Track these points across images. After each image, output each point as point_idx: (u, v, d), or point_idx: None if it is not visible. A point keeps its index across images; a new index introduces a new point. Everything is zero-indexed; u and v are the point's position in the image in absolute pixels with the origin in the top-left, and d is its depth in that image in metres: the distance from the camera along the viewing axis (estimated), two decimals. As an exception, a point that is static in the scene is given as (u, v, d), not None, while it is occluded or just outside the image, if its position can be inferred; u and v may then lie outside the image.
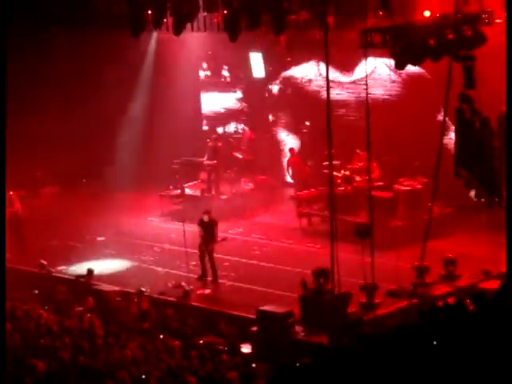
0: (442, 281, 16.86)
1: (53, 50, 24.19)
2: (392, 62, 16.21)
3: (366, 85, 16.99)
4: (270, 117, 25.94)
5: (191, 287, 17.45)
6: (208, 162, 24.32)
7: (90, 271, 18.58)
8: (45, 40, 23.54)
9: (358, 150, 21.91)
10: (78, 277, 18.58)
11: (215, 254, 18.56)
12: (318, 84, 24.34)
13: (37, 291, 17.99)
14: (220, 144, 24.85)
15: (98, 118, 25.12)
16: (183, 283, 17.63)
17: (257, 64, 25.80)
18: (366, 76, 18.65)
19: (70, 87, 25.13)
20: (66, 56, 24.50)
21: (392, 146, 22.42)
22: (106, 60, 24.81)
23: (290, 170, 24.15)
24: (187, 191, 23.95)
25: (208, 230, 18.40)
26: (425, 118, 21.65)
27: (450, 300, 14.27)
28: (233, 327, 15.46)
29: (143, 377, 12.51)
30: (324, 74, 20.23)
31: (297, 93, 25.03)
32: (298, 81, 25.07)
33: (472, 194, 15.71)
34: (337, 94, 23.69)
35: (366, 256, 15.28)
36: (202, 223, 18.50)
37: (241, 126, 26.50)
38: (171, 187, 23.94)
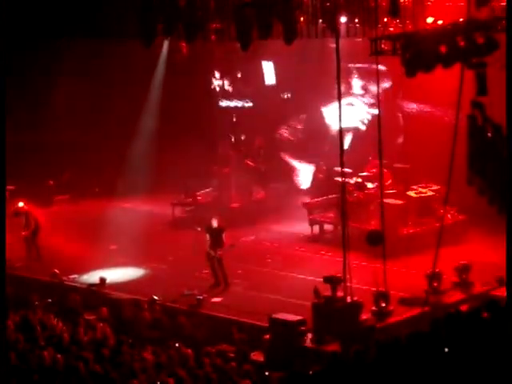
0: (455, 288, 16.80)
1: (63, 59, 24.29)
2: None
3: (378, 92, 16.99)
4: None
5: (203, 295, 17.44)
6: (220, 170, 24.37)
7: (103, 280, 18.62)
8: (55, 50, 23.65)
9: (370, 158, 21.91)
10: (91, 285, 18.62)
11: (228, 261, 18.57)
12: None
13: (50, 300, 18.02)
14: (232, 152, 24.91)
15: (109, 127, 25.22)
16: (196, 291, 17.64)
17: (269, 72, 25.96)
18: (378, 83, 18.63)
19: (81, 97, 25.24)
20: (76, 66, 24.59)
21: (405, 154, 22.47)
22: (117, 69, 24.90)
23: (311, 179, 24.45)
24: (199, 199, 24.01)
25: (216, 236, 18.40)
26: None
27: (463, 307, 14.27)
28: (245, 335, 15.45)
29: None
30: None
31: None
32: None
33: None
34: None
35: (378, 263, 15.25)
36: (209, 229, 18.49)
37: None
38: (184, 196, 24.02)
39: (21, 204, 20.85)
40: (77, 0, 19.00)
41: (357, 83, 24.35)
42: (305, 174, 25.59)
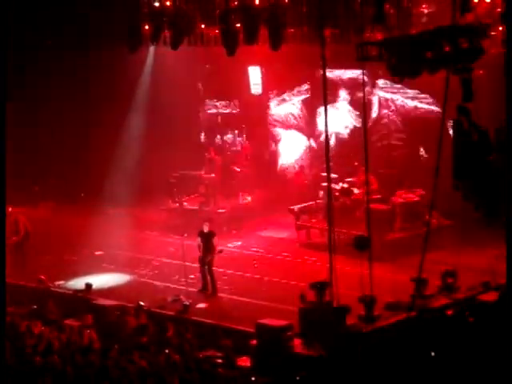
0: (441, 293, 16.83)
1: (49, 64, 24.23)
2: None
3: (364, 98, 17.05)
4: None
5: (190, 301, 17.43)
6: (206, 176, 24.38)
7: (89, 286, 18.57)
8: (41, 54, 23.59)
9: (356, 163, 21.97)
10: (77, 291, 18.56)
11: (214, 267, 18.57)
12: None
13: (35, 306, 17.96)
14: (218, 157, 24.94)
15: (95, 132, 25.16)
16: (182, 297, 17.62)
17: (255, 78, 25.97)
18: (364, 90, 18.69)
19: (68, 101, 25.18)
20: (63, 70, 24.53)
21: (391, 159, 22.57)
22: (104, 74, 24.86)
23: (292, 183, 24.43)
24: (185, 205, 23.99)
25: (207, 241, 18.43)
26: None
27: (449, 312, 14.32)
28: (232, 341, 15.43)
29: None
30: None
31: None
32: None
33: None
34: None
35: (365, 268, 15.27)
36: (201, 233, 18.53)
37: (239, 139, 26.65)
38: (170, 201, 23.99)
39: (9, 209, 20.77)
40: (62, 6, 19.04)
41: (343, 93, 24.40)
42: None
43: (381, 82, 23.55)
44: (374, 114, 23.84)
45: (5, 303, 13.40)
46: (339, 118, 24.36)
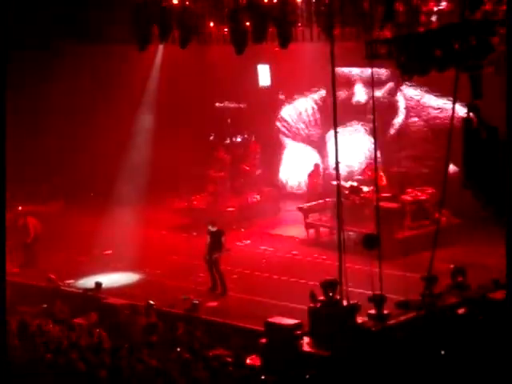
0: (451, 291, 16.78)
1: (56, 63, 24.29)
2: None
3: (373, 95, 17.01)
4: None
5: (199, 300, 17.44)
6: (215, 174, 24.39)
7: (98, 285, 18.60)
8: (47, 54, 23.67)
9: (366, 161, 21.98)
10: (86, 290, 18.60)
11: (223, 266, 18.57)
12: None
13: (45, 305, 18.00)
14: (227, 156, 24.95)
15: (104, 131, 25.19)
16: (191, 296, 17.63)
17: (264, 75, 25.98)
18: (373, 86, 18.67)
19: (75, 101, 25.22)
20: (70, 69, 24.59)
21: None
22: (112, 73, 24.90)
23: (306, 183, 24.33)
24: (195, 203, 24.01)
25: (214, 240, 18.43)
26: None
27: (460, 310, 14.29)
28: (241, 339, 15.44)
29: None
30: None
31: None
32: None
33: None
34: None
35: (374, 267, 15.25)
36: (210, 232, 18.54)
37: (251, 138, 26.67)
38: (179, 200, 24.03)
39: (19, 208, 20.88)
40: (73, 4, 19.08)
41: (360, 90, 24.17)
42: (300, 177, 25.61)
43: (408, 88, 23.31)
44: (397, 123, 23.52)
45: (5, 303, 13.42)
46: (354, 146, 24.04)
